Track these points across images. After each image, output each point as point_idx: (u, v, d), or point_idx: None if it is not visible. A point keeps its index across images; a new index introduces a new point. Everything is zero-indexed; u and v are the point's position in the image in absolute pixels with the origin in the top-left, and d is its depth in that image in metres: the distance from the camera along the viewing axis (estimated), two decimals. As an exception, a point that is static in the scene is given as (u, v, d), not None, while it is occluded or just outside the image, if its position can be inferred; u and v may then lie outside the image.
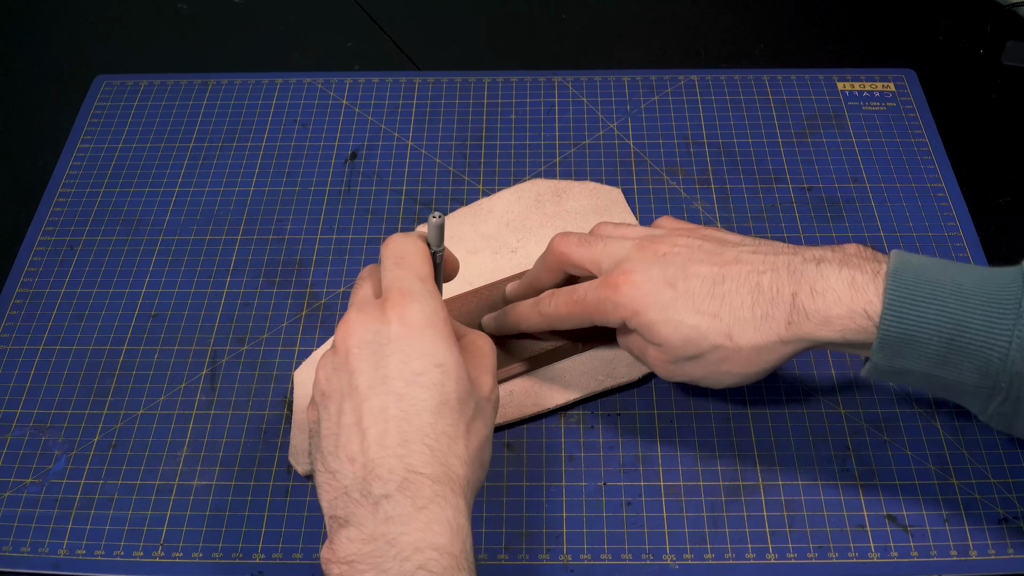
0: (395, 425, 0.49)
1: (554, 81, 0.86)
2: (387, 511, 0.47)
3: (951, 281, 0.54)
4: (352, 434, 0.49)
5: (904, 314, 0.54)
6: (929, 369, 0.55)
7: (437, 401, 0.50)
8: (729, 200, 0.77)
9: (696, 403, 0.66)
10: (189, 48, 0.92)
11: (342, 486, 0.49)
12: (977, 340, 0.53)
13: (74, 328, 0.71)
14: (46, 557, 0.60)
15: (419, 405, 0.49)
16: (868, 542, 0.60)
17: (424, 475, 0.48)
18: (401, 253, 0.54)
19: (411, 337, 0.50)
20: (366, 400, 0.49)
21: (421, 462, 0.48)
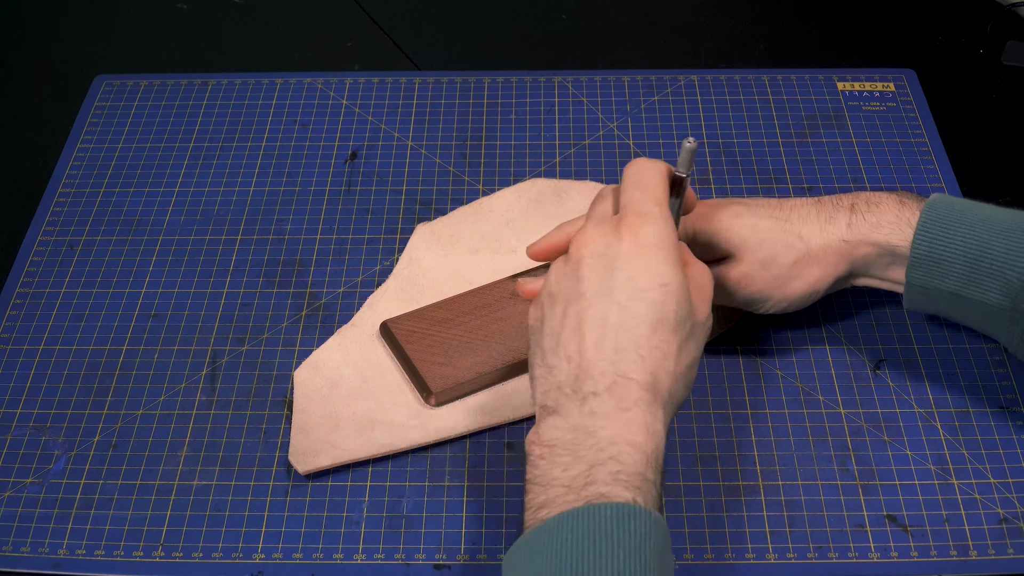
0: (612, 332, 0.52)
1: (554, 81, 0.86)
2: (592, 406, 0.51)
3: (981, 213, 0.61)
4: (572, 335, 0.53)
5: (934, 235, 0.60)
6: (957, 288, 0.61)
7: (656, 318, 0.52)
8: (729, 200, 0.77)
9: (696, 403, 0.66)
10: (189, 48, 0.92)
11: (556, 381, 0.53)
12: (998, 261, 0.59)
13: (74, 328, 0.71)
14: (46, 557, 0.60)
15: (638, 318, 0.52)
16: (868, 542, 0.60)
17: (633, 380, 0.51)
18: (642, 176, 0.56)
19: (640, 255, 0.53)
20: (590, 306, 0.53)
21: (631, 368, 0.51)
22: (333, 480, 0.63)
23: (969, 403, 0.65)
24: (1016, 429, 0.64)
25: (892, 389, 0.66)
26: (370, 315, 0.70)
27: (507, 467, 0.63)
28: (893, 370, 0.67)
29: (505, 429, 0.65)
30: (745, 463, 0.63)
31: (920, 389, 0.66)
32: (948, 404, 0.65)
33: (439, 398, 0.65)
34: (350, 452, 0.63)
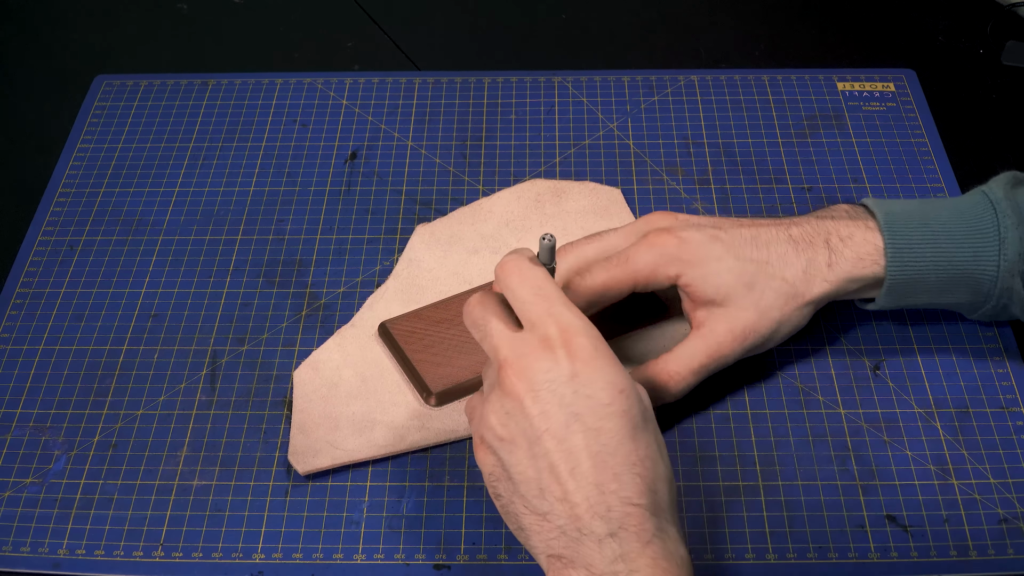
0: (601, 460, 0.49)
1: (554, 81, 0.86)
2: (614, 549, 0.47)
3: (936, 221, 0.62)
4: (556, 475, 0.49)
5: (906, 261, 0.61)
6: (930, 300, 0.64)
7: (631, 427, 0.50)
8: (729, 200, 0.77)
9: (696, 403, 0.66)
10: (189, 48, 0.92)
11: (556, 527, 0.49)
12: (968, 269, 0.62)
13: (74, 328, 0.71)
14: (46, 557, 0.60)
15: (617, 436, 0.49)
16: (868, 542, 0.60)
17: (642, 506, 0.48)
18: (537, 283, 0.53)
19: (587, 370, 0.50)
20: (561, 441, 0.49)
21: (636, 493, 0.49)
22: (333, 480, 0.63)
23: (969, 403, 0.65)
24: (1016, 429, 0.64)
25: (892, 389, 0.66)
26: (370, 316, 0.70)
27: (507, 467, 0.63)
28: (893, 370, 0.67)
29: (505, 429, 0.65)
30: (745, 463, 0.63)
31: (920, 389, 0.66)
32: (948, 404, 0.65)
33: (439, 399, 0.65)
34: (350, 453, 0.63)
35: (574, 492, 0.49)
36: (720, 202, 0.77)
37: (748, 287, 0.61)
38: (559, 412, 0.50)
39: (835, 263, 0.62)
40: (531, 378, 0.50)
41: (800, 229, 0.63)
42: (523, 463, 0.50)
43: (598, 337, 0.52)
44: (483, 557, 0.60)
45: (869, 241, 0.62)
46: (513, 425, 0.51)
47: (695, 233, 0.62)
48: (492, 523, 0.61)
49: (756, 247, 0.62)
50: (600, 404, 0.50)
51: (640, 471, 0.49)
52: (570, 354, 0.50)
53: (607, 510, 0.48)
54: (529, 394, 0.50)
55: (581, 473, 0.49)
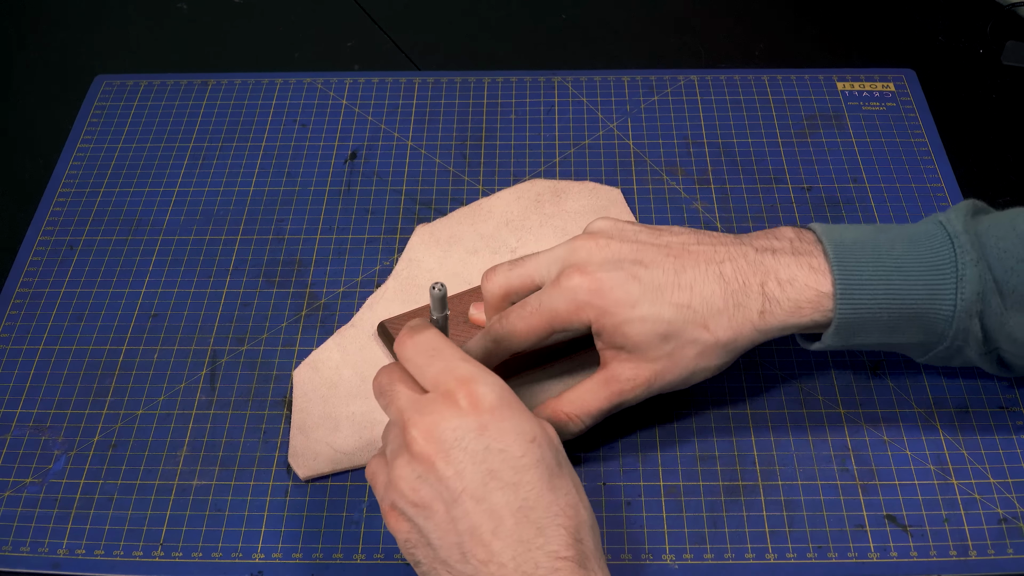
0: (523, 515, 0.48)
1: (554, 81, 0.86)
2: None
3: (888, 255, 0.57)
4: (479, 537, 0.48)
5: (856, 298, 0.56)
6: (880, 339, 0.58)
7: (548, 474, 0.49)
8: (729, 200, 0.77)
9: (696, 403, 0.66)
10: (189, 48, 0.92)
11: None
12: (923, 307, 0.57)
13: (74, 328, 0.71)
14: (46, 557, 0.60)
15: (537, 487, 0.48)
16: (868, 542, 0.60)
17: (569, 559, 0.47)
18: (430, 345, 0.52)
19: (496, 422, 0.49)
20: (479, 502, 0.48)
21: (562, 545, 0.47)
22: (333, 480, 0.63)
23: (969, 403, 0.65)
24: (1016, 429, 0.64)
25: (892, 389, 0.66)
26: (369, 316, 0.70)
27: (507, 467, 0.63)
28: (893, 370, 0.67)
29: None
30: (745, 463, 0.63)
31: (920, 389, 0.66)
32: (948, 404, 0.65)
33: (439, 398, 0.65)
34: (351, 457, 0.63)
35: (500, 552, 0.47)
36: (720, 202, 0.77)
37: (663, 338, 0.57)
38: (473, 470, 0.48)
39: (769, 311, 0.57)
40: (439, 437, 0.49)
41: (734, 266, 0.57)
42: (442, 527, 0.48)
43: (500, 384, 0.50)
44: (483, 557, 0.59)
45: (811, 287, 0.57)
46: (427, 489, 0.49)
47: (612, 273, 0.57)
48: (492, 523, 0.61)
49: (679, 289, 0.57)
50: (514, 457, 0.48)
51: (563, 521, 0.48)
52: (474, 406, 0.49)
53: (535, 567, 0.47)
54: (440, 455, 0.48)
55: (505, 531, 0.47)
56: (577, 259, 0.58)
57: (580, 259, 0.58)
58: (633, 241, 0.59)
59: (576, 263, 0.58)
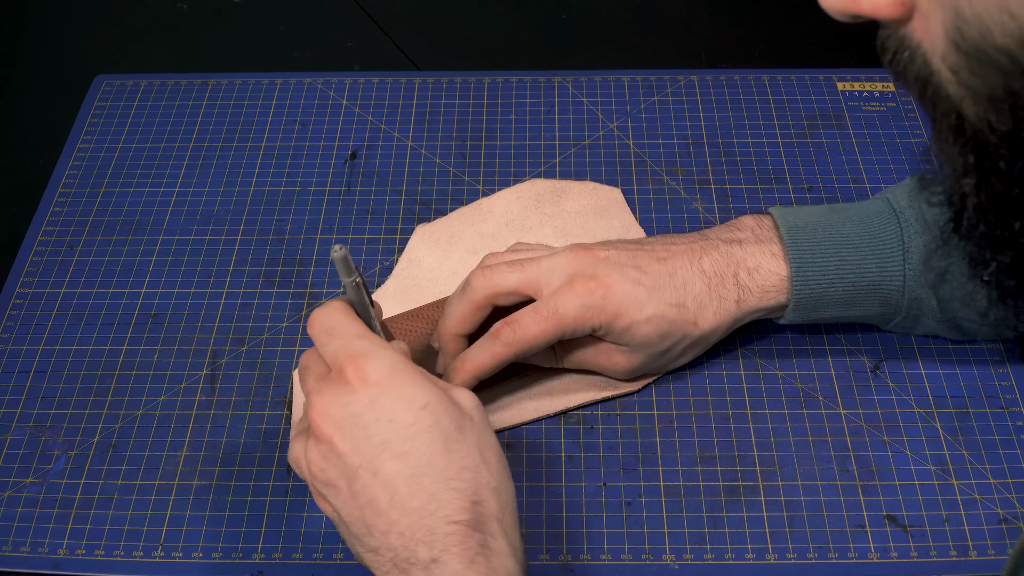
0: (416, 483, 0.48)
1: (554, 81, 0.86)
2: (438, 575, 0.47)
3: (839, 234, 0.61)
4: (375, 511, 0.49)
5: (809, 276, 0.61)
6: (838, 313, 0.63)
7: (442, 441, 0.49)
8: (729, 200, 0.77)
9: (696, 403, 0.66)
10: (189, 48, 0.92)
11: (387, 559, 0.49)
12: (874, 282, 0.61)
13: (74, 328, 0.71)
14: (46, 557, 0.60)
15: (427, 452, 0.49)
16: (868, 542, 0.60)
17: (462, 523, 0.48)
18: (328, 323, 0.52)
19: (384, 394, 0.49)
20: (374, 475, 0.49)
21: (455, 509, 0.48)
22: (333, 480, 0.63)
23: (969, 403, 0.65)
24: (1016, 429, 0.64)
25: (892, 389, 0.66)
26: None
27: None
28: (893, 370, 0.67)
29: (505, 431, 0.65)
30: (745, 463, 0.63)
31: (920, 389, 0.66)
32: (948, 404, 0.65)
33: (439, 398, 0.64)
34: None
35: (397, 522, 0.48)
36: (720, 202, 0.77)
37: (662, 336, 0.61)
38: (367, 444, 0.49)
39: (743, 300, 0.62)
40: (334, 416, 0.49)
41: (711, 260, 0.62)
42: (348, 504, 0.49)
43: (392, 357, 0.50)
44: (483, 557, 0.59)
45: (774, 272, 0.62)
46: (331, 468, 0.50)
47: (620, 281, 0.60)
48: (492, 523, 0.61)
49: (674, 288, 0.61)
50: (404, 425, 0.49)
51: (457, 485, 0.48)
52: (363, 381, 0.49)
53: (429, 534, 0.47)
54: (336, 432, 0.49)
55: (400, 501, 0.48)
56: (584, 269, 0.61)
57: (587, 269, 0.61)
58: (626, 252, 0.62)
59: (584, 272, 0.60)
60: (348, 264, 0.52)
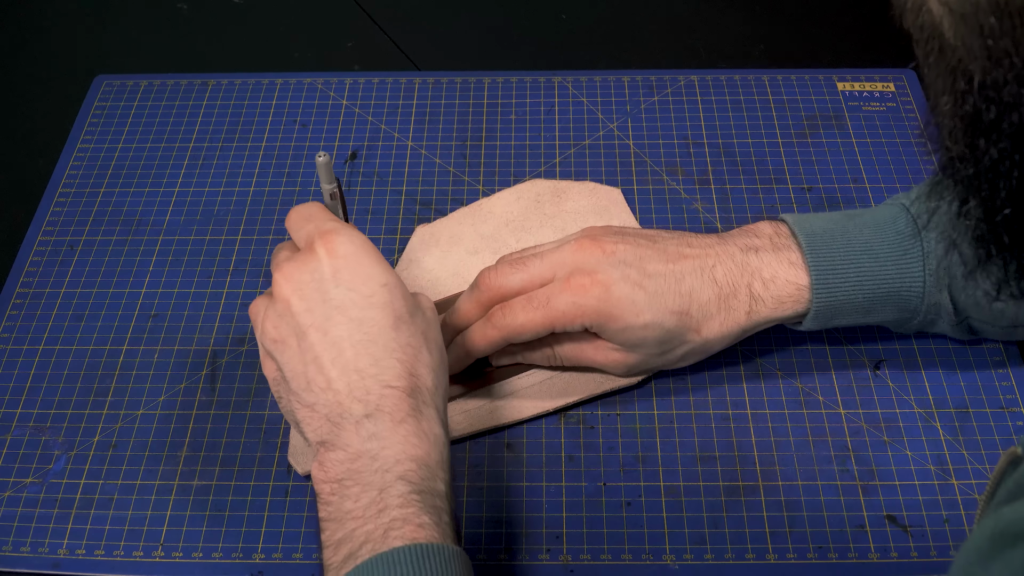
0: (363, 348, 0.51)
1: (554, 81, 0.86)
2: (369, 429, 0.50)
3: (857, 241, 0.61)
4: (318, 367, 0.51)
5: (830, 285, 0.60)
6: (856, 320, 0.63)
7: (393, 317, 0.52)
8: (729, 200, 0.77)
9: (696, 403, 0.66)
10: (189, 48, 0.92)
11: (322, 415, 0.51)
12: (895, 288, 0.61)
13: (74, 328, 0.71)
14: (46, 557, 0.60)
15: (377, 324, 0.52)
16: (868, 542, 0.60)
17: (398, 388, 0.51)
18: (305, 214, 0.56)
19: (348, 266, 0.53)
20: (324, 334, 0.52)
21: (394, 376, 0.51)
22: (333, 480, 0.63)
23: (969, 403, 0.65)
24: (1016, 429, 0.64)
25: (892, 389, 0.66)
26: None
27: (507, 468, 0.63)
28: (893, 370, 0.67)
29: (505, 430, 0.65)
30: (745, 463, 0.63)
31: (920, 389, 0.66)
32: (948, 404, 0.65)
33: (439, 398, 0.65)
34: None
35: (336, 379, 0.51)
36: (720, 202, 0.77)
37: (659, 343, 0.61)
38: (322, 307, 0.52)
39: (754, 310, 0.61)
40: (296, 279, 0.53)
41: (724, 270, 0.61)
42: (293, 360, 0.52)
43: (361, 239, 0.54)
44: (483, 557, 0.59)
45: (791, 282, 0.61)
46: (284, 326, 0.53)
47: (620, 283, 0.59)
48: (493, 523, 0.61)
49: (679, 296, 0.60)
50: (362, 296, 0.52)
51: (400, 356, 0.52)
52: (331, 254, 0.53)
53: (366, 393, 0.50)
54: (295, 294, 0.53)
55: (343, 361, 0.51)
56: (586, 264, 0.60)
57: (589, 264, 0.60)
58: (636, 249, 0.61)
59: (585, 268, 0.60)
60: (330, 172, 0.57)
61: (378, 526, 0.48)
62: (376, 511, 0.48)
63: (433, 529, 0.48)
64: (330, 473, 0.50)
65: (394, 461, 0.49)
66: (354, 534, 0.48)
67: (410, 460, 0.49)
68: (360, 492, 0.49)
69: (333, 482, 0.50)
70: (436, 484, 0.50)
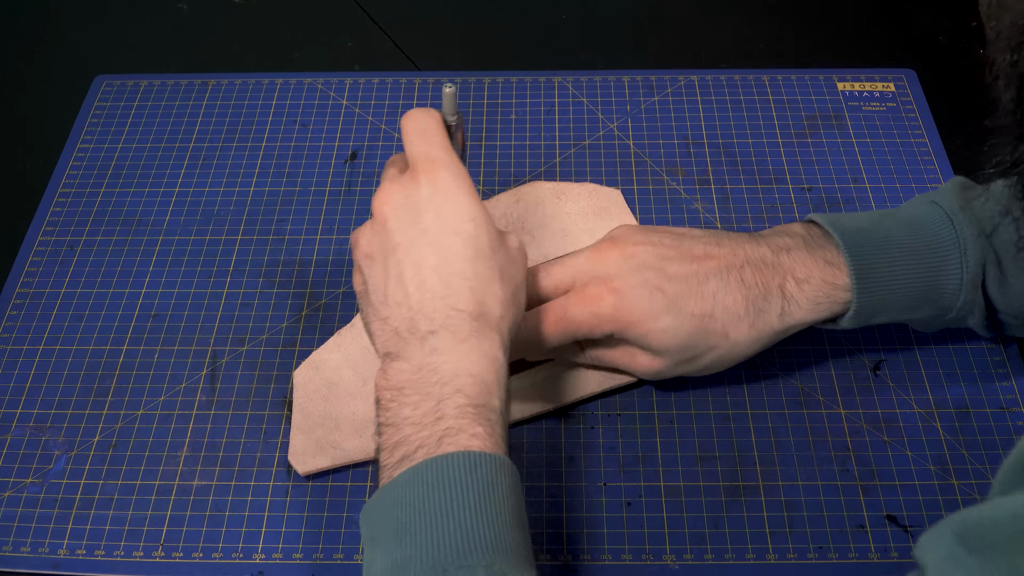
0: (437, 270, 0.54)
1: (554, 81, 0.86)
2: (432, 344, 0.53)
3: (894, 240, 0.60)
4: (397, 284, 0.54)
5: (872, 285, 0.60)
6: (892, 318, 0.62)
7: (473, 249, 0.54)
8: (729, 200, 0.77)
9: (696, 403, 0.66)
10: (189, 48, 0.92)
11: (392, 328, 0.54)
12: (931, 285, 0.60)
13: (74, 328, 0.71)
14: (46, 557, 0.60)
15: (457, 252, 0.54)
16: (868, 542, 0.60)
17: (464, 312, 0.53)
18: (422, 126, 0.58)
19: (443, 197, 0.55)
20: (407, 253, 0.55)
21: (461, 301, 0.53)
22: (333, 480, 0.63)
23: (969, 403, 0.65)
24: (1016, 429, 0.64)
25: (892, 389, 0.66)
26: (370, 315, 0.69)
27: (507, 467, 0.63)
28: (893, 370, 0.67)
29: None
30: (745, 463, 0.63)
31: (920, 389, 0.66)
32: (948, 404, 0.65)
33: (439, 398, 0.65)
34: (349, 453, 0.63)
35: (411, 297, 0.54)
36: (720, 202, 0.77)
37: (683, 346, 0.60)
38: (411, 229, 0.55)
39: (787, 312, 0.60)
40: (395, 201, 0.56)
41: (753, 271, 0.60)
42: (378, 274, 0.56)
43: (461, 174, 0.56)
44: (483, 557, 0.59)
45: (828, 282, 0.60)
46: (376, 242, 0.56)
47: (637, 289, 0.59)
48: (492, 523, 0.61)
49: (702, 298, 0.59)
50: (448, 225, 0.55)
51: (472, 285, 0.54)
52: (432, 183, 0.56)
53: (434, 311, 0.53)
54: (392, 214, 0.56)
55: (420, 281, 0.54)
56: (604, 271, 0.60)
57: (607, 271, 0.60)
58: (657, 249, 0.61)
59: (602, 275, 0.60)
60: (453, 104, 0.60)
61: (433, 433, 0.50)
62: (432, 419, 0.50)
63: (485, 440, 0.50)
64: (391, 381, 0.53)
65: (453, 375, 0.51)
66: (409, 439, 0.50)
67: (468, 376, 0.52)
68: (419, 401, 0.51)
69: (394, 389, 0.52)
70: (492, 400, 0.52)
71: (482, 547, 0.46)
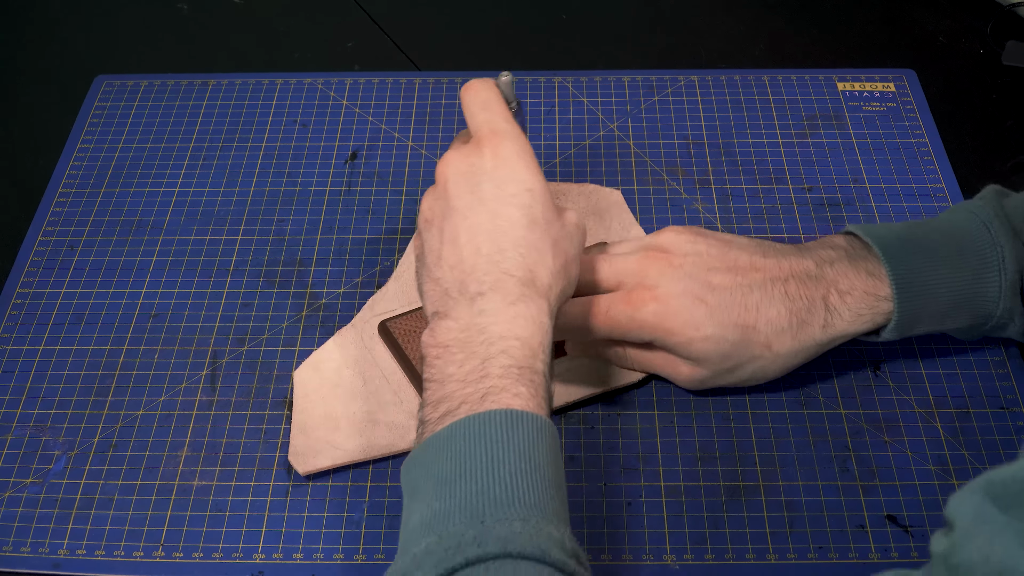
0: (491, 236, 0.55)
1: (554, 81, 0.86)
2: (481, 305, 0.54)
3: (932, 249, 0.61)
4: (452, 248, 0.56)
5: (913, 295, 0.60)
6: (931, 328, 0.63)
7: (528, 219, 0.56)
8: (729, 200, 0.77)
9: (696, 403, 0.66)
10: (189, 48, 0.92)
11: (443, 289, 0.56)
12: (971, 292, 0.61)
13: (74, 328, 0.71)
14: (46, 557, 0.60)
15: (512, 221, 0.56)
16: (868, 542, 0.60)
17: (515, 277, 0.54)
18: (484, 97, 0.60)
19: (504, 167, 0.57)
20: (465, 219, 0.56)
21: (513, 266, 0.55)
22: (333, 480, 0.63)
23: (969, 403, 0.65)
24: (1016, 429, 0.64)
25: (892, 389, 0.66)
26: (370, 316, 0.69)
27: (507, 467, 0.63)
28: (893, 370, 0.67)
29: (505, 429, 0.65)
30: (745, 463, 0.63)
31: (920, 389, 0.66)
32: (948, 404, 0.65)
33: (439, 398, 0.65)
34: (350, 453, 0.63)
35: (464, 260, 0.55)
36: (720, 202, 0.77)
37: (725, 356, 0.61)
38: (470, 196, 0.56)
39: (830, 324, 0.60)
40: (456, 167, 0.58)
41: (797, 283, 0.60)
42: (435, 237, 0.57)
43: (523, 146, 0.58)
44: (483, 557, 0.59)
45: (870, 293, 0.60)
46: (437, 207, 0.58)
47: (679, 297, 0.60)
48: (492, 523, 0.61)
49: (745, 310, 0.60)
50: (507, 194, 0.56)
51: (524, 252, 0.55)
52: (494, 153, 0.57)
53: (484, 275, 0.54)
54: (452, 179, 0.57)
55: (474, 246, 0.55)
56: (649, 276, 0.61)
57: (652, 277, 0.61)
58: (703, 259, 0.61)
59: (647, 281, 0.61)
60: (511, 90, 0.63)
61: (477, 390, 0.51)
62: (477, 377, 0.51)
63: (528, 400, 0.51)
64: (439, 339, 0.54)
65: (499, 336, 0.52)
66: (453, 395, 0.51)
67: (514, 338, 0.52)
68: (464, 359, 0.52)
69: (440, 347, 0.53)
70: (536, 363, 0.52)
71: (520, 501, 0.47)
